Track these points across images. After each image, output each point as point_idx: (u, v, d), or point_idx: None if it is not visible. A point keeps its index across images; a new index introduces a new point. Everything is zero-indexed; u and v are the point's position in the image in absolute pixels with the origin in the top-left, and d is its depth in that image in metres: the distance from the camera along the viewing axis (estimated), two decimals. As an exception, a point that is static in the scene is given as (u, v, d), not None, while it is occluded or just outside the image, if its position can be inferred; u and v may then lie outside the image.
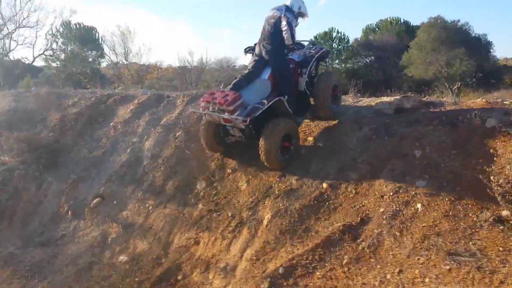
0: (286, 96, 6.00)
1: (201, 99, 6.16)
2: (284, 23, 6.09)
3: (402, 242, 4.39)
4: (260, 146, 5.83)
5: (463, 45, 20.49)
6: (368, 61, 28.31)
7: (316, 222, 5.13)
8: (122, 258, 5.90)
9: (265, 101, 5.79)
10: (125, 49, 19.60)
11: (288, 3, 6.39)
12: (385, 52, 25.60)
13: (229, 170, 6.48)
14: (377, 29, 29.45)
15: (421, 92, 9.25)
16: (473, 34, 22.51)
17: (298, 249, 4.84)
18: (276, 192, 5.75)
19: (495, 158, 4.91)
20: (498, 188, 4.36)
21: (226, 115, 5.68)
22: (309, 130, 6.73)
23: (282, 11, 6.21)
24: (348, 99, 7.79)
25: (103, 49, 21.74)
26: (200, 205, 6.15)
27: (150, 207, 6.53)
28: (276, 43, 6.17)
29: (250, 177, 6.19)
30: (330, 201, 5.31)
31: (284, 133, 5.91)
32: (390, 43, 25.76)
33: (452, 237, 4.24)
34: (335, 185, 5.47)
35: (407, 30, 27.39)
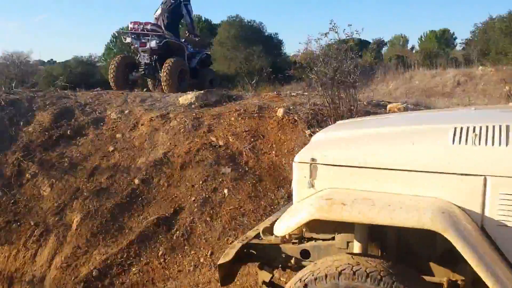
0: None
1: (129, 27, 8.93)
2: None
3: (212, 226, 4.70)
4: (163, 75, 8.33)
5: (260, 43, 22.42)
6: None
7: (129, 219, 5.10)
8: None
9: None
10: None
11: None
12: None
13: (28, 176, 5.91)
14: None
15: (224, 87, 9.87)
16: (267, 33, 24.82)
17: (112, 248, 4.75)
18: (85, 194, 5.49)
19: (285, 142, 5.61)
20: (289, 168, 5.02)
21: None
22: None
23: None
24: (155, 95, 7.85)
25: None
26: (-4, 216, 5.47)
27: None
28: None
29: (54, 180, 5.76)
30: (143, 196, 5.32)
31: (180, 68, 8.67)
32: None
33: (255, 215, 4.72)
34: (147, 180, 5.50)
35: (210, 28, 28.66)
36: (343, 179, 2.13)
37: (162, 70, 8.43)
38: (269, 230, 2.41)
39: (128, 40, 8.98)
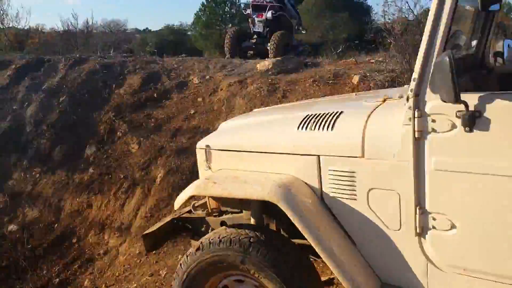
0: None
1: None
2: None
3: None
4: (270, 45, 8.95)
5: (346, 9, 21.77)
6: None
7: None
8: (12, 227, 5.75)
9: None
10: (1, 13, 17.78)
11: None
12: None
13: (119, 134, 6.51)
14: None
15: (308, 54, 9.86)
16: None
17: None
18: (168, 152, 5.94)
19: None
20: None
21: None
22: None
23: None
24: (235, 61, 8.10)
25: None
26: (91, 170, 6.15)
27: (38, 175, 6.36)
28: None
29: (142, 138, 6.29)
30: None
31: (286, 41, 9.48)
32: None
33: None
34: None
35: (296, -5, 28.26)
36: (228, 162, 2.51)
37: (271, 40, 9.15)
38: (200, 206, 2.76)
39: (248, 11, 10.44)
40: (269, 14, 9.91)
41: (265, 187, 2.12)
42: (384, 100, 2.08)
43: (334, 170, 2.09)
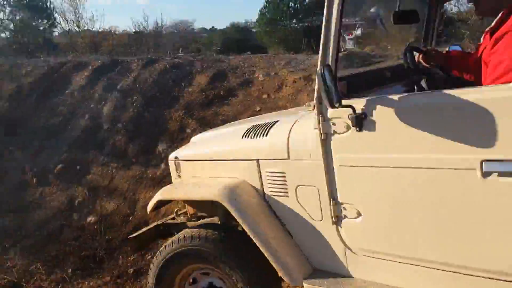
0: None
1: None
2: None
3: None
4: None
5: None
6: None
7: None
8: (91, 219, 6.15)
9: None
10: (76, 16, 18.98)
11: None
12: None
13: (188, 131, 6.74)
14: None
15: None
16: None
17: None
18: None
19: None
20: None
21: None
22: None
23: None
24: (300, 57, 8.10)
25: (55, 18, 20.92)
26: (163, 165, 6.42)
27: (114, 170, 6.74)
28: None
29: (209, 135, 6.47)
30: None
31: None
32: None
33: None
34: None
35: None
36: (192, 170, 2.87)
37: None
38: (183, 213, 3.07)
39: None
40: (358, 31, 10.59)
41: (213, 189, 2.50)
42: (314, 108, 2.18)
43: (270, 172, 2.42)
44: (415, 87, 2.41)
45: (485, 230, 1.74)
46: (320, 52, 2.01)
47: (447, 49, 2.76)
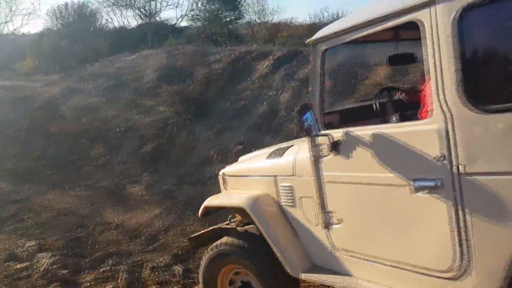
0: None
1: None
2: None
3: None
4: None
5: None
6: None
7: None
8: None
9: None
10: (260, 7, 20.18)
11: None
12: None
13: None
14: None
15: None
16: None
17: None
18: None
19: None
20: None
21: None
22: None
23: None
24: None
25: (241, 9, 22.56)
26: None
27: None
28: None
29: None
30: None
31: None
32: None
33: None
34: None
35: None
36: (234, 184, 3.50)
37: None
38: (235, 219, 3.55)
39: None
40: None
41: (241, 199, 3.11)
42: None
43: (283, 186, 2.94)
44: (387, 120, 2.78)
45: (416, 233, 2.18)
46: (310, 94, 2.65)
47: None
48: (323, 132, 2.46)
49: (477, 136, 1.87)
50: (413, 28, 2.04)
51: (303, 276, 2.79)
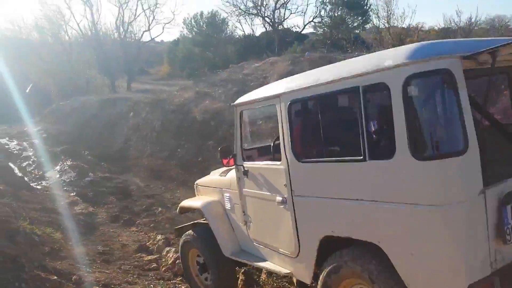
0: None
1: None
2: None
3: None
4: None
5: None
6: None
7: None
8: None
9: None
10: (388, 12, 19.43)
11: None
12: None
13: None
14: None
15: None
16: None
17: None
18: None
19: None
20: None
21: None
22: None
23: None
24: None
25: (369, 15, 22.01)
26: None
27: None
28: None
29: None
30: None
31: None
32: None
33: None
34: None
35: None
36: (202, 192, 4.82)
37: None
38: None
39: None
40: None
41: (199, 203, 4.51)
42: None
43: (225, 195, 4.26)
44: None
45: (278, 229, 3.50)
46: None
47: None
48: (239, 162, 3.87)
49: (299, 174, 3.19)
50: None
51: (232, 256, 4.09)
